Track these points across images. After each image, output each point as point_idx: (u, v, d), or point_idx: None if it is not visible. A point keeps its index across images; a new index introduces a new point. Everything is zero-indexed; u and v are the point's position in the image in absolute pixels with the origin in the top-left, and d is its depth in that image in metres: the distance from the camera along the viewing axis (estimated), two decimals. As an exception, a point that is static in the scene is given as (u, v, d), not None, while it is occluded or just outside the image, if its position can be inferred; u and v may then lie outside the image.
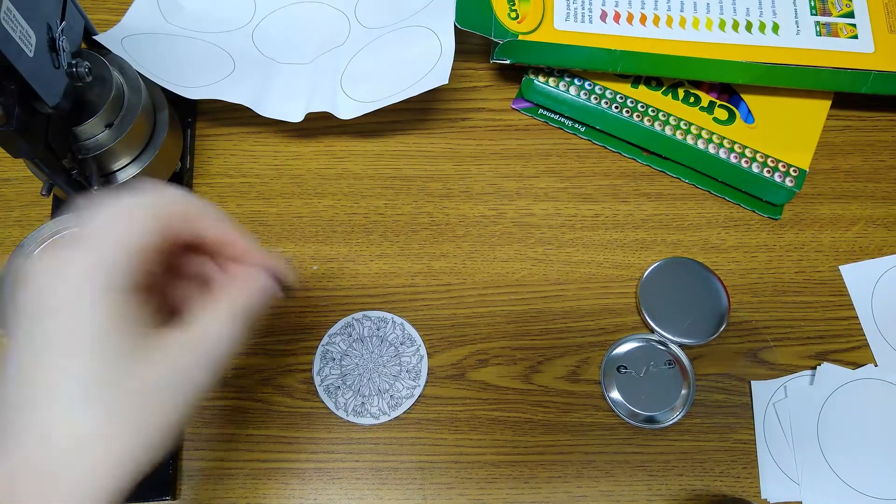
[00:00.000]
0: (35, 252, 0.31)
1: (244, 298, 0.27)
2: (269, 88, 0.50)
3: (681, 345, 0.47)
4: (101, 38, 0.47)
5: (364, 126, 0.53)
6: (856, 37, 0.52)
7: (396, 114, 0.53)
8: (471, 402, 0.47)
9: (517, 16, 0.52)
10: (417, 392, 0.46)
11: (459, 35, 0.49)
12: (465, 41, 0.54)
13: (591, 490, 0.45)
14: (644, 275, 0.49)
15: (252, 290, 0.28)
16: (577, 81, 0.53)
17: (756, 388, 0.47)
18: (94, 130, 0.42)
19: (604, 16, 0.52)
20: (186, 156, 0.51)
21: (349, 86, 0.50)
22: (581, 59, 0.51)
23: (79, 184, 0.42)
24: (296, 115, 0.49)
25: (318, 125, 0.53)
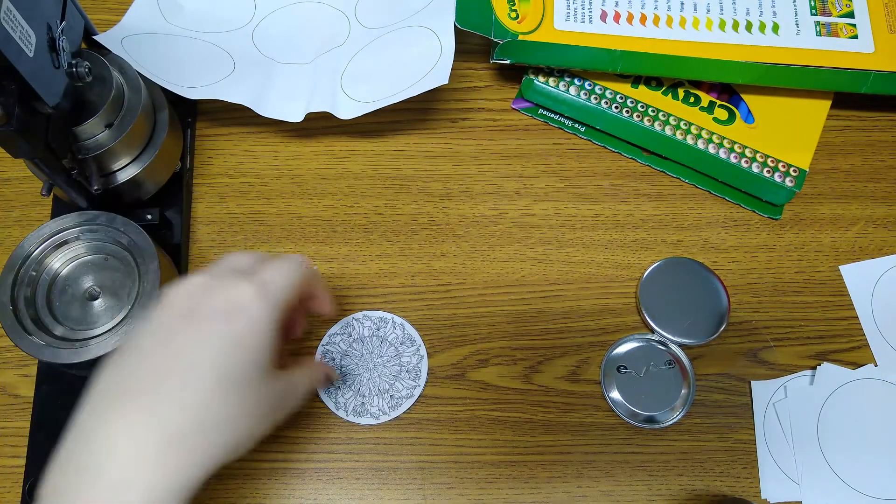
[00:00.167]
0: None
1: (313, 379, 0.41)
2: (269, 88, 0.50)
3: (681, 345, 0.47)
4: (101, 38, 0.47)
5: (364, 126, 0.53)
6: (856, 37, 0.52)
7: (396, 114, 0.53)
8: (471, 402, 0.47)
9: (517, 16, 0.52)
10: (417, 392, 0.46)
11: (459, 35, 0.49)
12: (465, 41, 0.54)
13: (591, 490, 0.45)
14: (644, 275, 0.49)
15: (319, 378, 0.42)
16: (577, 81, 0.53)
17: (756, 388, 0.47)
18: (94, 130, 0.42)
19: (604, 16, 0.52)
20: (186, 156, 0.51)
21: (349, 86, 0.50)
22: (581, 59, 0.51)
23: (79, 184, 0.42)
24: (296, 115, 0.49)
25: (318, 125, 0.53)
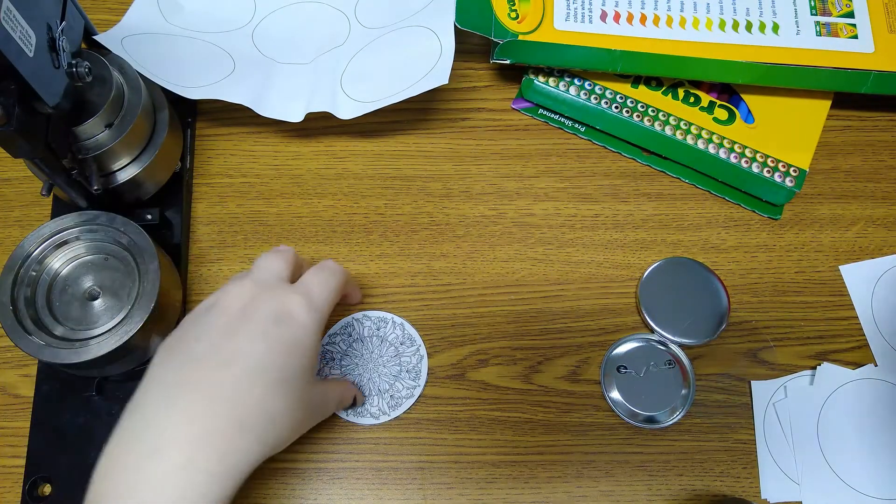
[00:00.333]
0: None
1: (344, 395, 0.44)
2: (269, 88, 0.50)
3: (681, 345, 0.47)
4: (101, 38, 0.47)
5: (364, 126, 0.53)
6: (856, 37, 0.52)
7: (396, 114, 0.53)
8: (471, 402, 0.47)
9: (517, 16, 0.52)
10: (417, 392, 0.46)
11: (459, 35, 0.49)
12: (465, 41, 0.54)
13: (591, 490, 0.45)
14: (644, 275, 0.49)
15: (349, 396, 0.45)
16: (577, 81, 0.53)
17: (756, 388, 0.47)
18: (94, 130, 0.42)
19: (604, 16, 0.52)
20: (186, 156, 0.51)
21: (349, 86, 0.50)
22: (581, 59, 0.51)
23: (79, 184, 0.42)
24: (296, 115, 0.49)
25: (318, 125, 0.53)
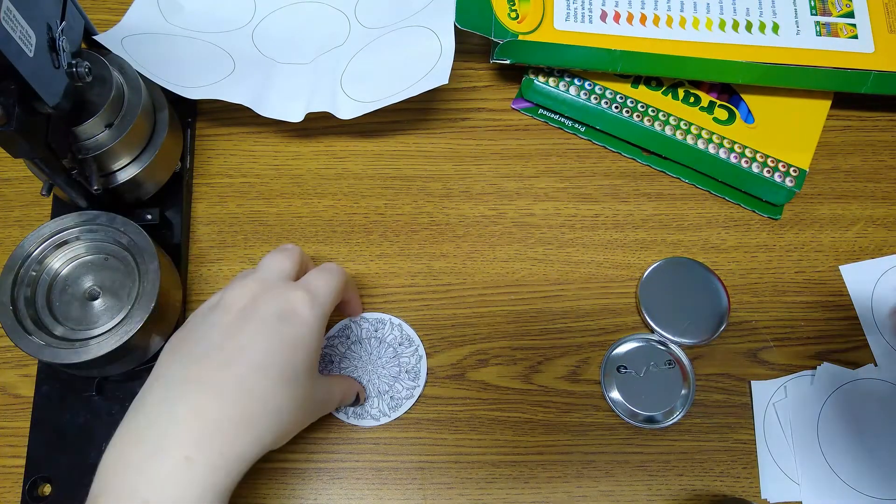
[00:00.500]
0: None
1: (347, 392, 0.44)
2: (269, 88, 0.50)
3: (681, 345, 0.47)
4: (101, 38, 0.47)
5: (364, 126, 0.53)
6: (856, 37, 0.52)
7: (396, 114, 0.53)
8: (471, 402, 0.47)
9: (517, 16, 0.52)
10: (417, 392, 0.46)
11: (459, 35, 0.49)
12: (465, 41, 0.54)
13: (591, 490, 0.45)
14: (644, 275, 0.49)
15: (352, 391, 0.44)
16: (577, 81, 0.53)
17: (756, 388, 0.47)
18: (94, 130, 0.42)
19: (604, 16, 0.52)
20: (186, 156, 0.51)
21: (349, 86, 0.50)
22: (581, 59, 0.51)
23: (79, 184, 0.42)
24: (296, 115, 0.49)
25: (318, 125, 0.53)
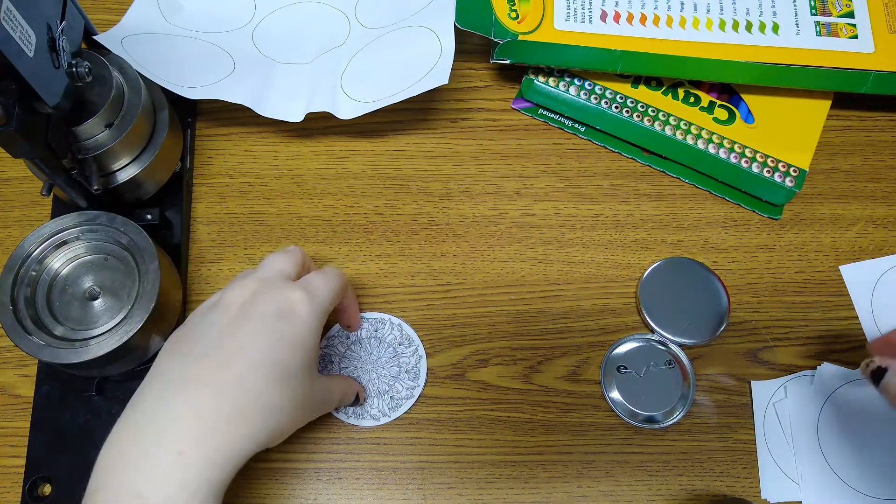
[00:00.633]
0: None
1: (347, 391, 0.44)
2: (269, 88, 0.50)
3: (681, 345, 0.47)
4: (101, 38, 0.47)
5: (364, 126, 0.53)
6: (856, 37, 0.52)
7: (396, 114, 0.53)
8: (471, 402, 0.47)
9: (517, 16, 0.52)
10: (417, 393, 0.46)
11: (459, 35, 0.49)
12: (465, 41, 0.54)
13: (591, 490, 0.45)
14: (644, 275, 0.49)
15: (352, 391, 0.44)
16: (577, 81, 0.53)
17: (756, 388, 0.47)
18: (94, 130, 0.42)
19: (604, 16, 0.52)
20: (186, 156, 0.51)
21: (349, 86, 0.50)
22: (581, 59, 0.51)
23: (79, 184, 0.42)
24: (296, 115, 0.49)
25: (318, 125, 0.53)
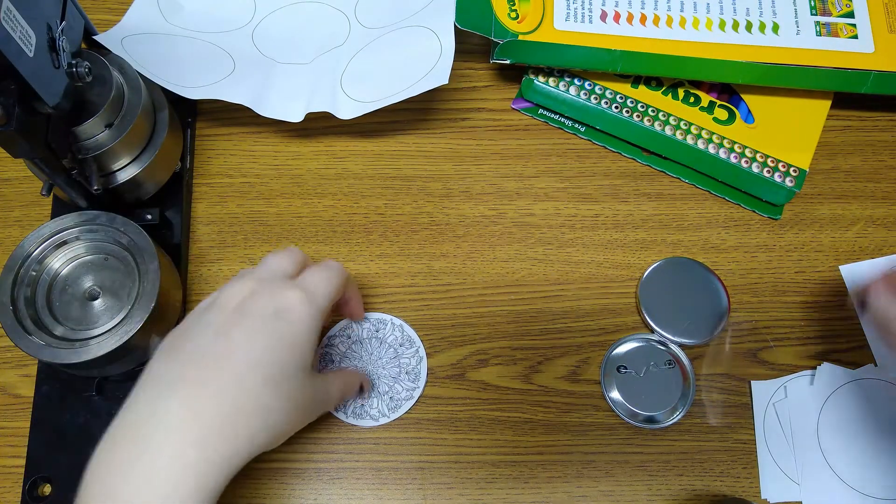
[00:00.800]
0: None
1: (348, 386, 0.43)
2: (269, 88, 0.50)
3: (681, 345, 0.47)
4: (101, 38, 0.47)
5: (364, 126, 0.53)
6: (856, 37, 0.52)
7: (396, 114, 0.53)
8: (471, 402, 0.47)
9: (517, 16, 0.52)
10: (417, 394, 0.46)
11: (459, 35, 0.49)
12: (465, 41, 0.54)
13: (591, 490, 0.45)
14: (644, 275, 0.49)
15: (353, 384, 0.44)
16: (577, 81, 0.53)
17: (756, 388, 0.47)
18: (94, 130, 0.42)
19: (604, 16, 0.52)
20: (186, 156, 0.51)
21: (349, 86, 0.50)
22: (581, 59, 0.51)
23: (79, 184, 0.42)
24: (296, 115, 0.49)
25: (318, 125, 0.53)
